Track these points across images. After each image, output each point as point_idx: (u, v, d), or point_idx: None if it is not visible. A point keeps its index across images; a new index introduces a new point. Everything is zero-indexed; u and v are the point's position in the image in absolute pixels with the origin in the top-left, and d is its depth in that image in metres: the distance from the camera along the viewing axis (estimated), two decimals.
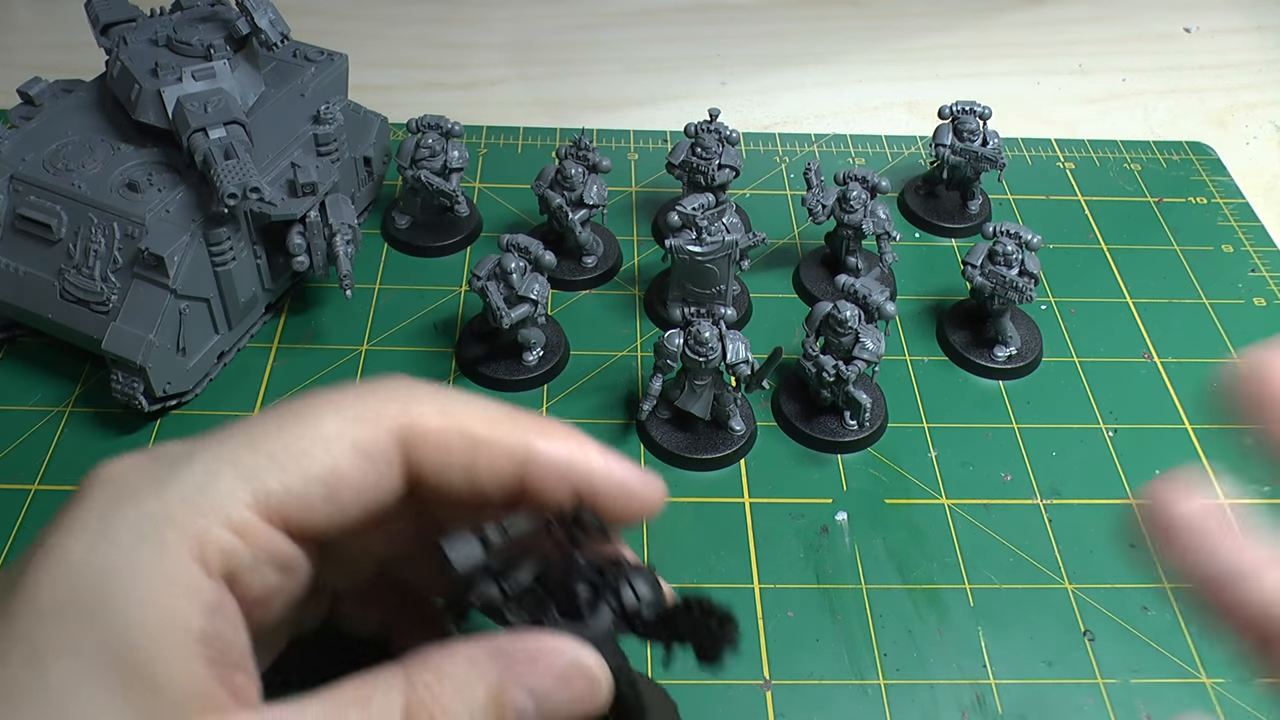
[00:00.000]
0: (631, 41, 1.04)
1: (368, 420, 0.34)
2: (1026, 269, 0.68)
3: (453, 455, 0.35)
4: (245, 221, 0.65)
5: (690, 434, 0.65)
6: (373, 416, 0.34)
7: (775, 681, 0.54)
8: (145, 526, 0.31)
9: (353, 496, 0.34)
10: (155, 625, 0.30)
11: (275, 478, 0.33)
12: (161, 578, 0.30)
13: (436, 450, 0.35)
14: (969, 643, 0.57)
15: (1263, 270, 0.80)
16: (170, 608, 0.30)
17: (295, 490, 0.33)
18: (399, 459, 0.35)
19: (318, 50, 0.75)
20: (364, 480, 0.34)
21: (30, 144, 0.66)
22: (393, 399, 0.35)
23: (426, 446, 0.35)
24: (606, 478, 0.36)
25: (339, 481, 0.34)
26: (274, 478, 0.33)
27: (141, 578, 0.30)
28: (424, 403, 0.35)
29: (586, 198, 0.72)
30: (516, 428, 0.36)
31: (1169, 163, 0.90)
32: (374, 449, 0.34)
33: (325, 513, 0.34)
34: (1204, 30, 1.09)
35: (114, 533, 0.31)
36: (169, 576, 0.30)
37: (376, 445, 0.34)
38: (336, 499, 0.34)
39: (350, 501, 0.34)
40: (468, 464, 0.35)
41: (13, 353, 0.69)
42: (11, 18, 1.02)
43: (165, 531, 0.31)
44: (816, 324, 0.64)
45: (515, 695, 0.32)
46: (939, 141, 0.79)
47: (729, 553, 0.60)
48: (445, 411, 0.35)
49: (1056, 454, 0.66)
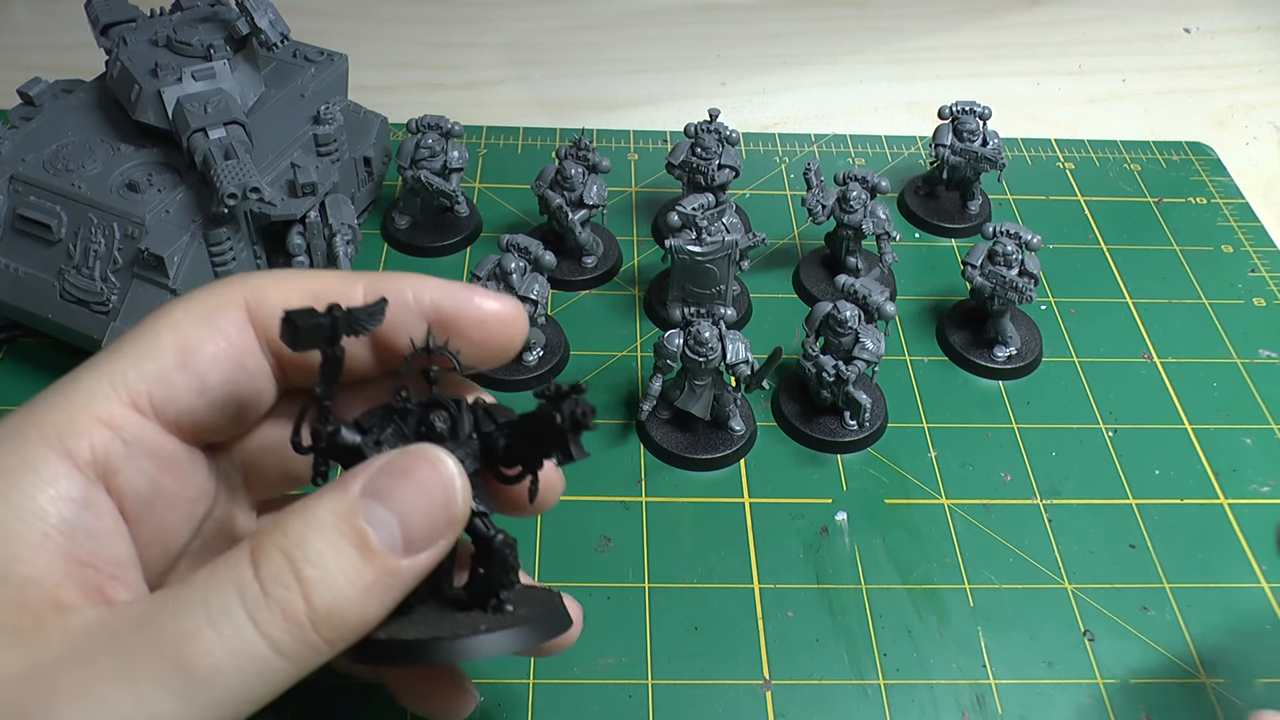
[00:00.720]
0: (631, 41, 1.04)
1: (210, 298, 0.35)
2: (1026, 269, 0.68)
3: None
4: (245, 221, 0.65)
5: (690, 434, 0.65)
6: (215, 294, 0.35)
7: (775, 681, 0.54)
8: (8, 430, 0.32)
9: (208, 364, 0.34)
10: (5, 510, 0.30)
11: (130, 366, 0.33)
12: (15, 465, 0.31)
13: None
14: (969, 643, 0.57)
15: (1263, 270, 0.80)
16: (24, 493, 0.30)
17: (151, 372, 0.33)
18: (247, 327, 0.35)
19: (318, 50, 0.75)
20: (216, 349, 0.34)
21: (30, 144, 0.66)
22: (234, 281, 0.36)
23: (271, 310, 0.35)
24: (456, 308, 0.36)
25: (190, 352, 0.34)
26: (129, 366, 0.33)
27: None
28: (263, 278, 0.36)
29: (586, 198, 0.72)
30: (351, 277, 0.36)
31: (1169, 163, 0.90)
32: (220, 319, 0.35)
33: (186, 386, 0.34)
34: (1204, 30, 1.09)
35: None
36: (23, 463, 0.31)
37: (223, 316, 0.35)
38: (192, 368, 0.34)
39: (208, 371, 0.34)
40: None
41: (13, 353, 0.69)
42: (11, 18, 1.02)
43: (27, 429, 0.32)
44: (816, 324, 0.64)
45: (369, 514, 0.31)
46: (939, 142, 0.79)
47: (729, 553, 0.60)
48: (283, 280, 0.36)
49: (1056, 454, 0.66)
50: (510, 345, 0.38)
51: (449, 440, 0.36)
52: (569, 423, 0.34)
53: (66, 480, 0.31)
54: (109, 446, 0.32)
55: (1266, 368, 0.72)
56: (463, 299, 0.36)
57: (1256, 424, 0.68)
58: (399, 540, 0.31)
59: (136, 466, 0.33)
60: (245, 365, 0.35)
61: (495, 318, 0.37)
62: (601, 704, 0.53)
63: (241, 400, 0.36)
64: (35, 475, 0.31)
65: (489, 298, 0.37)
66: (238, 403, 0.36)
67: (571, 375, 0.69)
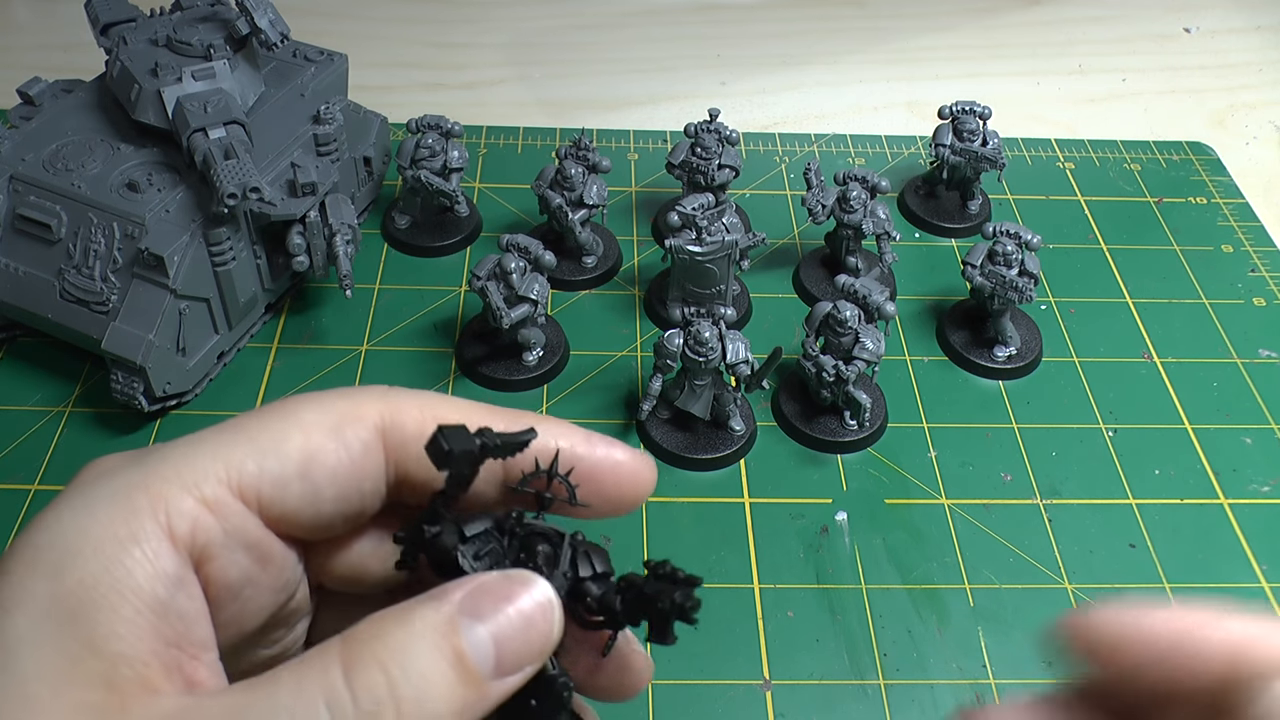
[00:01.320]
0: (631, 41, 1.04)
1: (347, 409, 0.35)
2: (1026, 269, 0.68)
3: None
4: (245, 221, 0.65)
5: (690, 434, 0.65)
6: (351, 406, 0.35)
7: (775, 681, 0.54)
8: (117, 492, 0.31)
9: (327, 478, 0.34)
10: (107, 581, 0.30)
11: (250, 457, 0.33)
12: (121, 536, 0.30)
13: (418, 441, 0.35)
14: (969, 643, 0.57)
15: (1263, 270, 0.80)
16: (126, 568, 0.30)
17: (269, 469, 0.33)
18: (378, 447, 0.35)
19: (318, 50, 0.75)
20: (339, 463, 0.34)
21: (30, 144, 0.66)
22: (373, 394, 0.36)
23: (406, 435, 0.35)
24: (590, 454, 0.36)
25: (313, 462, 0.34)
26: (249, 457, 0.33)
27: (102, 534, 0.30)
28: (404, 399, 0.36)
29: (586, 198, 0.72)
30: (493, 415, 0.36)
31: (1169, 163, 0.90)
32: (351, 434, 0.34)
33: (300, 494, 0.34)
34: (1204, 30, 1.09)
35: (87, 501, 0.31)
36: (130, 536, 0.30)
37: (354, 431, 0.34)
38: (310, 478, 0.34)
39: (325, 483, 0.34)
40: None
41: (13, 353, 0.69)
42: (11, 18, 1.02)
43: (137, 497, 0.31)
44: (816, 324, 0.64)
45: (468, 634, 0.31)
46: (939, 141, 0.79)
47: (729, 553, 0.60)
48: (424, 406, 0.36)
49: (1056, 454, 0.66)
50: (637, 499, 0.38)
51: (544, 570, 0.36)
52: (673, 612, 0.34)
53: (166, 558, 0.31)
54: (210, 532, 0.32)
55: (1266, 368, 0.72)
56: (600, 451, 0.37)
57: (1256, 424, 0.68)
58: (492, 663, 0.31)
59: (231, 557, 0.33)
60: (362, 486, 0.35)
61: (630, 472, 0.37)
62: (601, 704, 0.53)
63: (346, 515, 0.36)
64: (140, 550, 0.31)
65: (623, 451, 0.37)
66: (343, 516, 0.36)
67: (572, 375, 0.69)
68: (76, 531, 0.30)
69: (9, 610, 0.29)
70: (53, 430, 0.65)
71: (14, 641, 0.29)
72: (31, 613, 0.29)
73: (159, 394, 0.63)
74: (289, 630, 0.40)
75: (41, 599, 0.29)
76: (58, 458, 0.63)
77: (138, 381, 0.62)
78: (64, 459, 0.63)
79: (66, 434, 0.65)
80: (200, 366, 0.66)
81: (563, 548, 0.36)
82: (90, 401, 0.66)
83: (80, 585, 0.30)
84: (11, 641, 0.29)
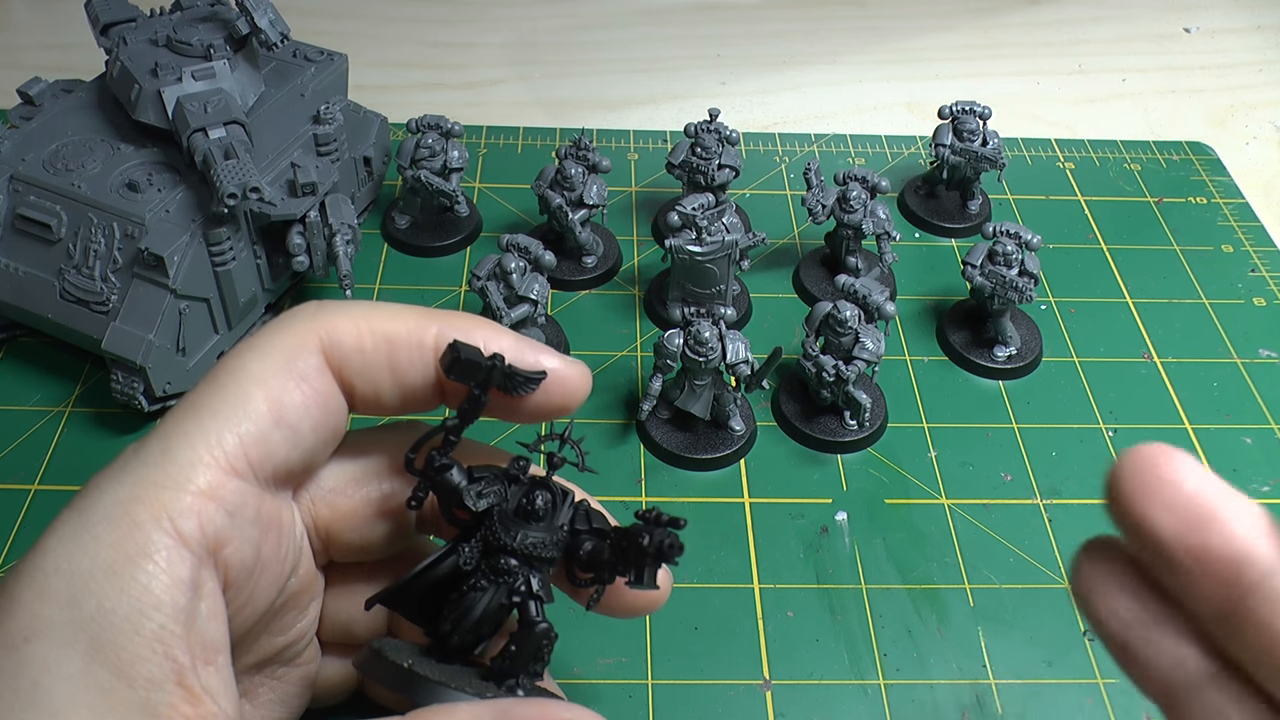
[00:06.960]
0: (631, 41, 1.04)
1: (288, 345, 0.36)
2: (1026, 269, 0.68)
3: (372, 355, 0.37)
4: (245, 221, 0.65)
5: (690, 434, 0.65)
6: (290, 339, 0.36)
7: (775, 681, 0.54)
8: (113, 510, 0.31)
9: (299, 415, 0.35)
10: (127, 603, 0.30)
11: (226, 429, 0.34)
12: (131, 553, 0.31)
13: (357, 354, 0.36)
14: (969, 643, 0.57)
15: (1263, 270, 0.80)
16: (143, 584, 0.30)
17: (248, 433, 0.34)
18: (325, 366, 0.36)
19: (318, 50, 0.75)
20: (304, 398, 0.35)
21: (30, 144, 0.66)
22: (304, 317, 0.37)
23: (346, 350, 0.36)
24: (520, 361, 0.38)
25: (281, 408, 0.35)
26: (225, 430, 0.34)
27: (111, 555, 0.30)
28: (335, 315, 0.37)
29: (586, 198, 0.72)
30: (426, 318, 0.38)
31: (1169, 163, 0.90)
32: (302, 365, 0.36)
33: (282, 441, 0.35)
34: (1204, 30, 1.09)
35: (86, 523, 0.31)
36: (139, 551, 0.31)
37: (303, 361, 0.36)
38: (286, 423, 0.35)
39: (300, 421, 0.35)
40: (389, 363, 0.37)
41: (13, 353, 0.69)
42: (11, 18, 1.02)
43: (137, 511, 0.31)
44: (816, 324, 0.64)
45: None
46: (939, 141, 0.79)
47: (729, 553, 0.60)
48: (356, 318, 0.37)
49: (1056, 454, 0.66)
50: (567, 405, 0.39)
51: (540, 521, 0.37)
52: (653, 549, 0.35)
53: (180, 564, 0.31)
54: (216, 521, 0.33)
55: (1266, 368, 0.72)
56: (529, 358, 0.38)
57: (1256, 424, 0.68)
58: None
59: (242, 536, 0.34)
60: (329, 407, 0.37)
61: (559, 378, 0.39)
62: (601, 704, 0.53)
63: (326, 439, 0.37)
64: (153, 564, 0.31)
65: (553, 358, 0.39)
66: (324, 442, 0.37)
67: None
68: (83, 555, 0.30)
69: (29, 639, 0.29)
70: (53, 430, 0.65)
71: (39, 673, 0.29)
72: (53, 642, 0.29)
73: (159, 394, 0.63)
74: (301, 614, 0.40)
75: (60, 627, 0.29)
76: (58, 458, 0.63)
77: (138, 381, 0.62)
78: (64, 459, 0.63)
79: (66, 434, 0.65)
80: (200, 366, 0.66)
81: (564, 504, 0.38)
82: (90, 401, 0.66)
83: (100, 611, 0.30)
84: (37, 672, 0.29)
